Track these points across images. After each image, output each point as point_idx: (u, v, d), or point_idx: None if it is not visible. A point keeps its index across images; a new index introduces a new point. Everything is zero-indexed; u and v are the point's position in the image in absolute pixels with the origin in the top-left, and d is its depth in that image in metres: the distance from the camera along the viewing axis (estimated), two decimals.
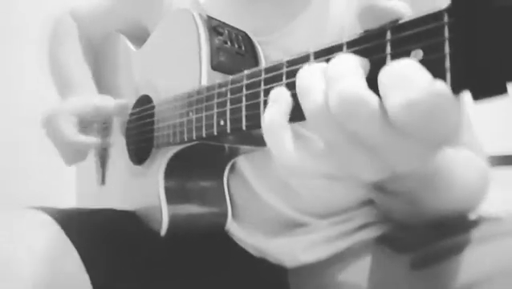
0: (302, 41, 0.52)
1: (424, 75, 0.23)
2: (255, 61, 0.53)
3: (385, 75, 0.24)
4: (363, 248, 0.53)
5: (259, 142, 0.51)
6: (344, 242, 0.55)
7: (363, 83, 0.24)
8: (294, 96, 0.31)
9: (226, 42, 0.51)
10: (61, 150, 0.63)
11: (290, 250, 0.56)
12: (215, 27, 0.51)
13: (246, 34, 0.54)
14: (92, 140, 0.61)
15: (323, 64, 0.28)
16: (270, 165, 0.55)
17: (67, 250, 0.49)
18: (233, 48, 0.51)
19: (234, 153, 0.56)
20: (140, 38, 0.68)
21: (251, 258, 0.59)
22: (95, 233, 0.54)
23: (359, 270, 0.51)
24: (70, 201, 0.83)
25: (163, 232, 0.53)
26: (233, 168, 0.58)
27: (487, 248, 0.39)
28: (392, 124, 0.24)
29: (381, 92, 0.24)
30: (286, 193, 0.55)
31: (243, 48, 0.52)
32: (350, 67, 0.25)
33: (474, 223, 0.43)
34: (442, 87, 0.22)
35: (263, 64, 0.53)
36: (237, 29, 0.54)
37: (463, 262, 0.40)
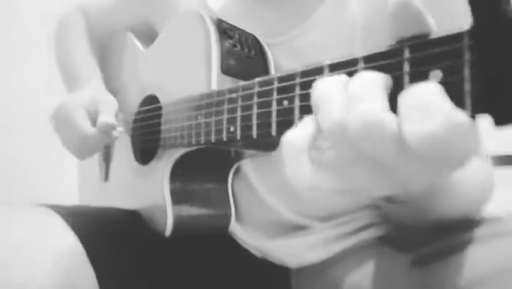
0: (312, 43, 0.51)
1: (444, 103, 0.22)
2: (264, 65, 0.53)
3: (405, 101, 0.23)
4: (365, 248, 0.53)
5: (266, 148, 0.51)
6: (346, 242, 0.55)
7: (386, 107, 0.24)
8: (304, 108, 0.31)
9: (236, 46, 0.50)
10: (73, 144, 0.60)
11: (293, 251, 0.56)
12: (225, 30, 0.51)
13: (256, 38, 0.54)
14: (113, 133, 0.58)
15: (343, 77, 0.27)
16: (274, 169, 0.55)
17: (74, 248, 0.48)
18: (242, 52, 0.51)
19: (239, 157, 0.56)
20: (147, 36, 0.67)
21: (254, 259, 0.60)
22: (100, 231, 0.54)
23: (360, 270, 0.51)
24: (72, 196, 0.83)
25: (167, 233, 0.53)
26: (237, 170, 0.58)
27: (487, 247, 0.40)
28: (408, 149, 0.23)
29: (400, 116, 0.23)
30: (289, 197, 0.55)
31: (253, 52, 0.52)
32: (374, 86, 0.25)
33: (475, 223, 0.43)
34: (463, 118, 0.22)
35: (272, 69, 0.53)
36: (247, 32, 0.53)
37: (463, 261, 0.40)
